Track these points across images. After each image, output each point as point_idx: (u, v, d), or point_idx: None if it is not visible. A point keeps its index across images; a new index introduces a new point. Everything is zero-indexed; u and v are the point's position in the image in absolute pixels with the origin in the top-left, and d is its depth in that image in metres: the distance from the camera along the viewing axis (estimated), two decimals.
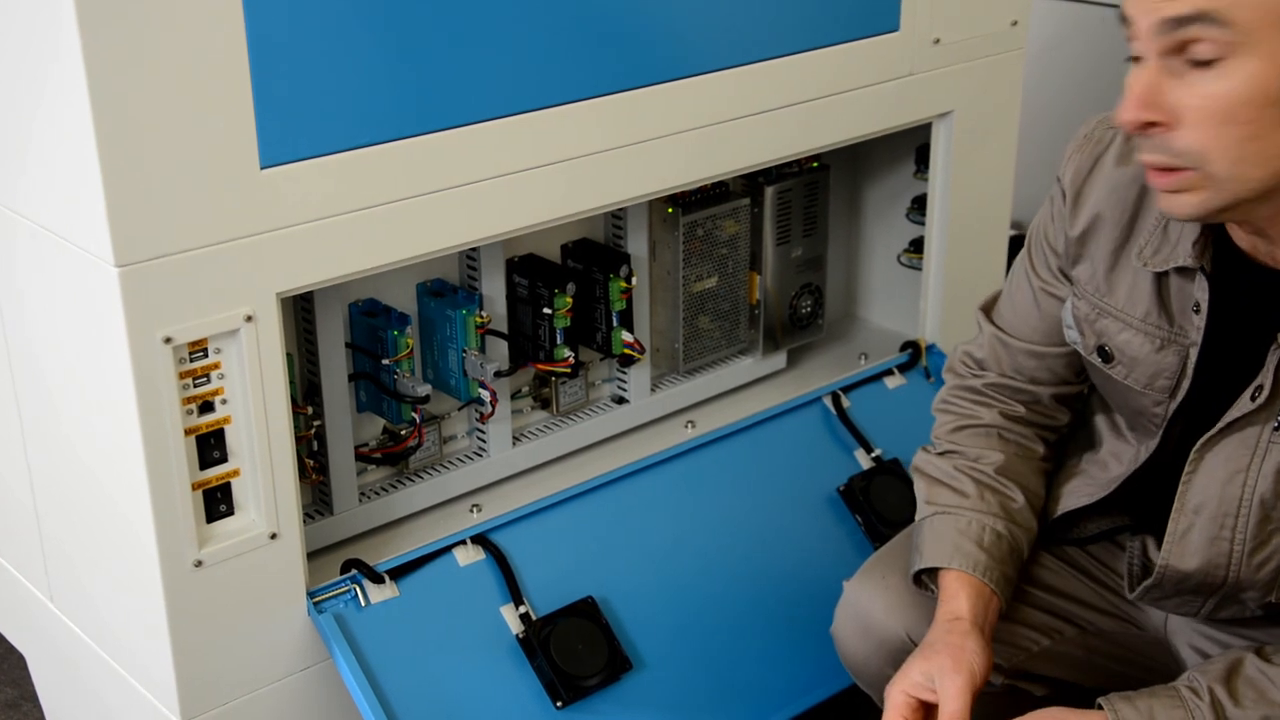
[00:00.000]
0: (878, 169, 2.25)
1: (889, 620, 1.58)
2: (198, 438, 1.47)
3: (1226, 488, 1.39)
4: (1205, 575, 1.43)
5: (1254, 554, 1.40)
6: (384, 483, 1.81)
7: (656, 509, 1.86)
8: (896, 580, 1.59)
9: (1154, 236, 1.41)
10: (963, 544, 1.50)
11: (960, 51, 2.00)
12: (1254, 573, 1.41)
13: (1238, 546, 1.40)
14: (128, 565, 1.53)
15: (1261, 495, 1.37)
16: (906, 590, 1.57)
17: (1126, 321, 1.45)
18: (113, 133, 1.31)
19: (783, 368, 2.17)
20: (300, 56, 1.41)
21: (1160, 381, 1.44)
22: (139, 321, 1.38)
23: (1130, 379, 1.46)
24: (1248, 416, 1.36)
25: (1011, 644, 1.59)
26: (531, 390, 1.94)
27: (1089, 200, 1.46)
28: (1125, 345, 1.45)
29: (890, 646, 1.58)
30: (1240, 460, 1.38)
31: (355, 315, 1.73)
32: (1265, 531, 1.39)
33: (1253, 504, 1.38)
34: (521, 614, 1.69)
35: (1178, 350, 1.42)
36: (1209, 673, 1.36)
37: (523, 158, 1.60)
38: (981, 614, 1.47)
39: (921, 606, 1.56)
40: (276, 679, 1.61)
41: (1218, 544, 1.41)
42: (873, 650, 1.60)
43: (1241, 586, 1.43)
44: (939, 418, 1.64)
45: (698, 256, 1.99)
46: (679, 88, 1.71)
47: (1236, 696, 1.33)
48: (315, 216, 1.46)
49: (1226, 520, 1.40)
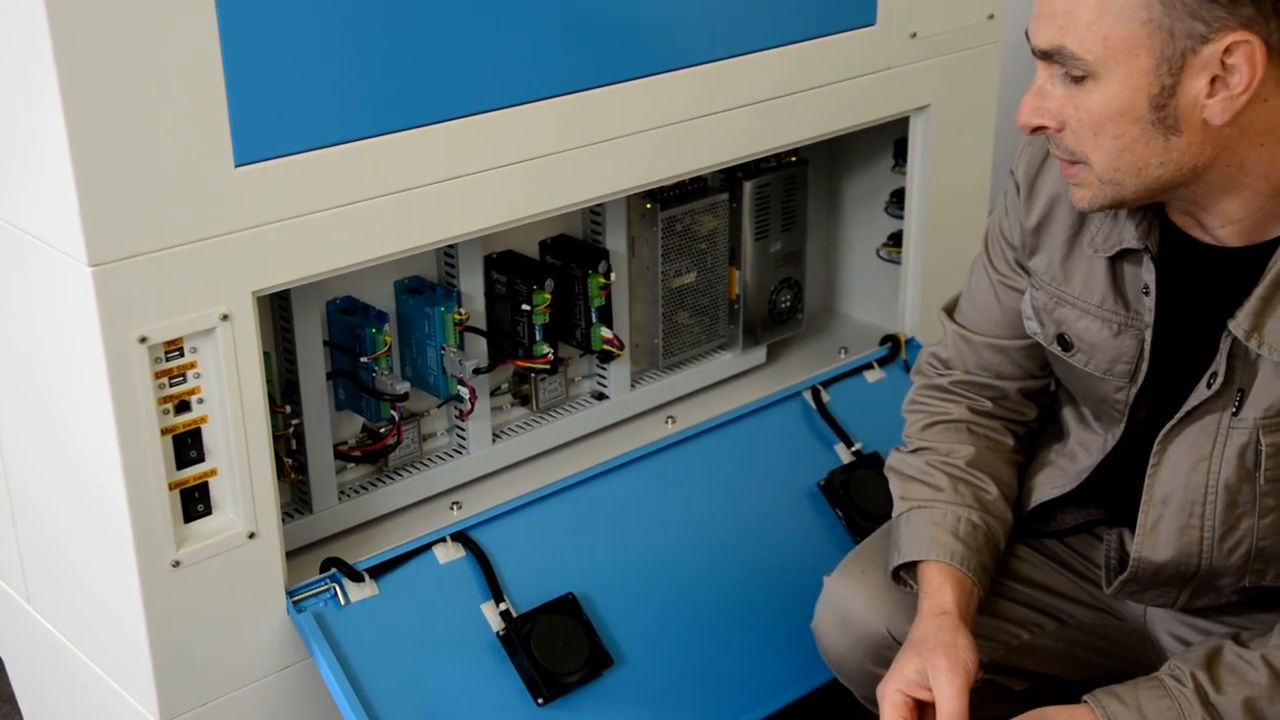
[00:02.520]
0: (856, 163, 2.25)
1: (869, 616, 1.58)
2: (174, 437, 1.46)
3: (1191, 476, 1.40)
4: (1179, 565, 1.45)
5: (1224, 540, 1.41)
6: (363, 481, 1.80)
7: (637, 505, 1.86)
8: (876, 576, 1.60)
9: (1104, 223, 1.44)
10: (939, 535, 1.51)
11: (937, 45, 2.01)
12: (1226, 558, 1.42)
13: (1208, 534, 1.41)
14: (105, 566, 1.53)
15: (1226, 481, 1.39)
16: (886, 585, 1.58)
17: (1083, 309, 1.47)
18: (85, 131, 1.30)
19: (762, 362, 2.17)
20: (274, 53, 1.40)
21: (1120, 366, 1.46)
22: (113, 321, 1.37)
23: (1090, 365, 1.48)
24: (1206, 404, 1.38)
25: (991, 638, 1.59)
26: (511, 387, 1.94)
27: (1043, 191, 1.49)
28: (1084, 332, 1.47)
29: (870, 642, 1.58)
30: (1203, 448, 1.39)
31: (333, 313, 1.73)
32: (1233, 516, 1.40)
33: (1218, 490, 1.39)
34: (502, 611, 1.69)
35: (1134, 334, 1.44)
36: (1190, 660, 1.37)
37: (499, 154, 1.60)
38: (964, 606, 1.47)
39: (901, 602, 1.56)
40: (256, 679, 1.60)
41: (1188, 533, 1.42)
42: (853, 645, 1.60)
43: (1215, 573, 1.44)
44: (909, 418, 1.66)
45: (676, 252, 1.99)
46: (656, 83, 1.71)
47: (1218, 682, 1.34)
48: (291, 214, 1.46)
49: (1194, 509, 1.41)
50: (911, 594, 1.53)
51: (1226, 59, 1.24)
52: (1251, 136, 1.30)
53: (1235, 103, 1.26)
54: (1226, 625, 1.50)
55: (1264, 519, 1.40)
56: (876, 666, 1.59)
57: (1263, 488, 1.38)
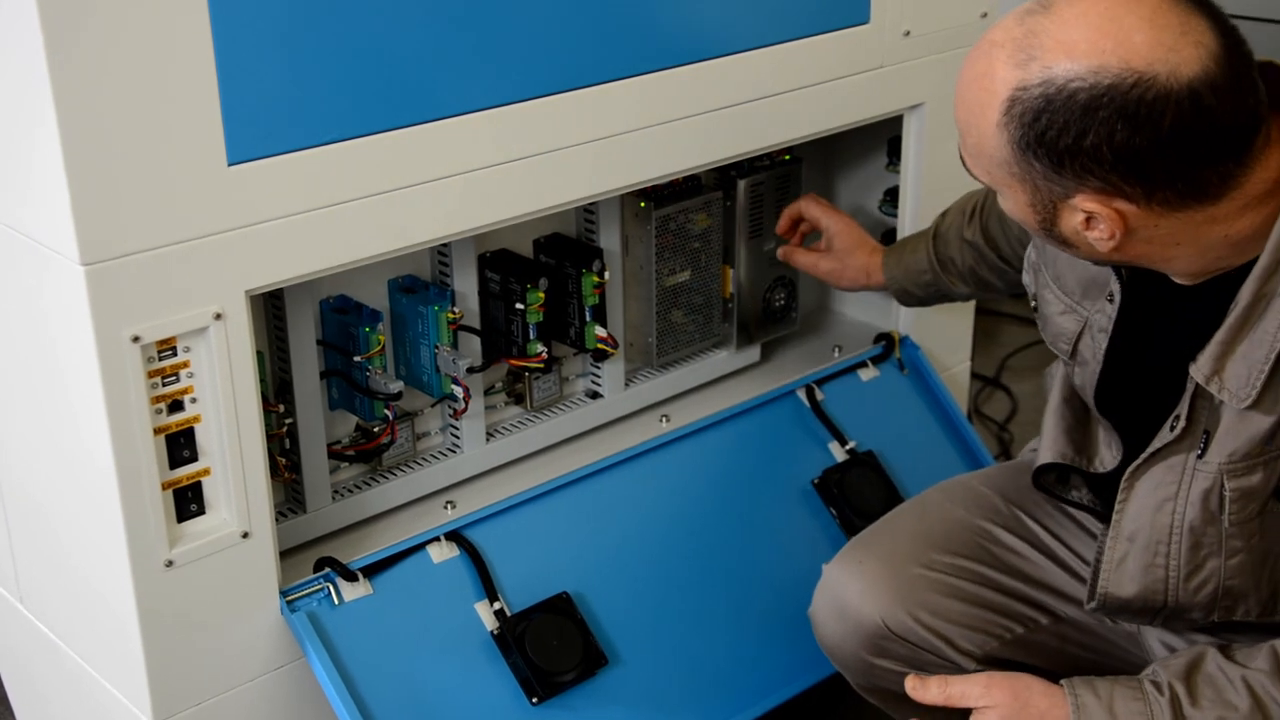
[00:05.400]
0: (850, 161, 2.25)
1: (864, 605, 1.60)
2: (167, 437, 1.46)
3: (1157, 516, 1.40)
4: (1145, 600, 1.45)
5: (1189, 579, 1.40)
6: (357, 480, 1.80)
7: (631, 504, 1.86)
8: (874, 566, 1.61)
9: None
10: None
11: (931, 43, 2.01)
12: (1192, 596, 1.41)
13: (1173, 573, 1.41)
14: (98, 566, 1.52)
15: (1191, 522, 1.38)
16: (882, 576, 1.60)
17: (1055, 287, 1.52)
18: (78, 130, 1.30)
19: (757, 361, 2.17)
20: (266, 51, 1.39)
21: (1060, 344, 1.52)
22: (106, 320, 1.37)
23: (1044, 331, 1.55)
24: (1172, 445, 1.38)
25: (985, 631, 1.60)
26: (505, 386, 1.94)
27: None
28: (1044, 305, 1.55)
29: (865, 631, 1.60)
30: (1168, 488, 1.39)
31: (326, 312, 1.72)
32: (1199, 557, 1.39)
33: (1183, 531, 1.39)
34: (496, 610, 1.69)
35: (1077, 320, 1.48)
36: (1170, 668, 1.37)
37: (493, 153, 1.59)
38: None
39: (896, 592, 1.58)
40: (250, 679, 1.60)
41: (1153, 571, 1.42)
42: (848, 633, 1.62)
43: (1182, 609, 1.44)
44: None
45: (670, 250, 1.99)
46: (649, 81, 1.71)
47: (1195, 695, 1.34)
48: (284, 213, 1.45)
49: (1160, 548, 1.40)
50: (909, 583, 1.57)
51: (1089, 212, 1.26)
52: (1158, 245, 1.30)
53: (1114, 240, 1.27)
54: (1218, 639, 1.49)
55: (1230, 560, 1.38)
56: (870, 655, 1.61)
57: (1228, 530, 1.37)
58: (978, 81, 1.26)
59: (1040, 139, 1.22)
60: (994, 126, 1.24)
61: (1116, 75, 1.18)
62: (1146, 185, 1.22)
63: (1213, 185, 1.23)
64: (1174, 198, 1.23)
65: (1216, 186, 1.23)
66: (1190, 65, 1.17)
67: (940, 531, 1.66)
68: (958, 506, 1.69)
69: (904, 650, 1.60)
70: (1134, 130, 1.18)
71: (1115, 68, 1.18)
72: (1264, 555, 1.38)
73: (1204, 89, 1.17)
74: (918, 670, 1.55)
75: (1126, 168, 1.21)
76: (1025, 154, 1.24)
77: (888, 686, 1.64)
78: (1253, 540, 1.37)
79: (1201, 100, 1.17)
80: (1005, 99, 1.23)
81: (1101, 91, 1.18)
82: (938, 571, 1.62)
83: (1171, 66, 1.17)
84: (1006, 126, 1.23)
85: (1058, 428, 1.55)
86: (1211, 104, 1.18)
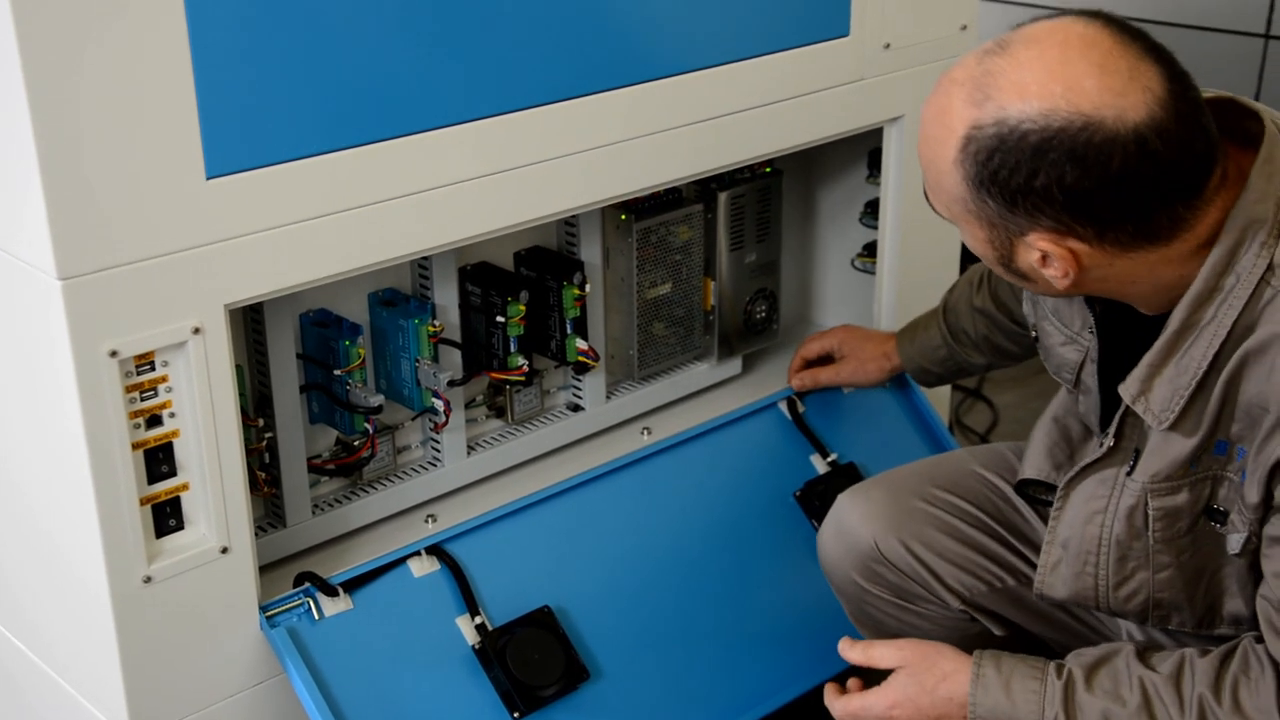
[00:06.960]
0: (831, 174, 2.25)
1: (861, 527, 1.68)
2: (145, 452, 1.45)
3: (1087, 527, 1.43)
4: (1079, 603, 1.49)
5: (1118, 589, 1.44)
6: (337, 494, 1.79)
7: (613, 516, 1.86)
8: (879, 493, 1.70)
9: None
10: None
11: (910, 56, 2.01)
12: (1123, 604, 1.45)
13: (1102, 582, 1.44)
14: (75, 582, 1.51)
15: (1117, 536, 1.41)
16: (884, 502, 1.68)
17: (1055, 319, 1.53)
18: (54, 143, 1.29)
19: (738, 373, 2.17)
20: (245, 65, 1.39)
21: (1064, 374, 1.54)
22: (83, 335, 1.36)
23: (1048, 363, 1.56)
24: (1103, 460, 1.42)
25: (974, 574, 1.66)
26: (486, 399, 1.93)
27: None
28: (1045, 335, 1.56)
29: (858, 551, 1.68)
30: (1099, 501, 1.42)
31: (306, 326, 1.72)
32: (1126, 569, 1.42)
33: (1110, 544, 1.42)
34: (477, 624, 1.68)
35: (1078, 350, 1.50)
36: (1083, 655, 1.41)
37: (473, 165, 1.59)
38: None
39: (893, 518, 1.66)
40: (229, 694, 1.59)
41: (1083, 579, 1.45)
42: (844, 553, 1.70)
43: (1115, 614, 1.48)
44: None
45: (651, 263, 1.98)
46: (630, 94, 1.71)
47: (1091, 683, 1.37)
48: (263, 226, 1.45)
49: (1089, 558, 1.44)
50: (908, 513, 1.66)
51: (1043, 250, 1.28)
52: (1114, 284, 1.33)
53: (1069, 278, 1.30)
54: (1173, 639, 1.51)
55: (1159, 574, 1.41)
56: (862, 579, 1.69)
57: (1154, 546, 1.40)
58: (937, 118, 1.28)
59: (994, 177, 1.24)
60: (951, 164, 1.27)
61: (1066, 118, 1.20)
62: (1097, 226, 1.25)
63: (1164, 228, 1.26)
64: (1125, 239, 1.26)
65: (1167, 229, 1.26)
66: (1137, 110, 1.20)
67: (950, 475, 1.72)
68: (976, 461, 1.75)
69: (893, 577, 1.67)
70: (1083, 172, 1.21)
71: (1065, 111, 1.20)
72: (1196, 572, 1.41)
73: (1150, 134, 1.20)
74: (905, 603, 1.67)
75: (1077, 208, 1.23)
76: (980, 191, 1.26)
77: (878, 617, 1.71)
78: (1182, 557, 1.40)
79: (1148, 144, 1.20)
80: (962, 136, 1.25)
81: (1052, 134, 1.21)
82: (938, 508, 1.68)
83: (1119, 111, 1.20)
84: (962, 164, 1.26)
85: (1041, 444, 1.59)
86: (1158, 148, 1.20)
